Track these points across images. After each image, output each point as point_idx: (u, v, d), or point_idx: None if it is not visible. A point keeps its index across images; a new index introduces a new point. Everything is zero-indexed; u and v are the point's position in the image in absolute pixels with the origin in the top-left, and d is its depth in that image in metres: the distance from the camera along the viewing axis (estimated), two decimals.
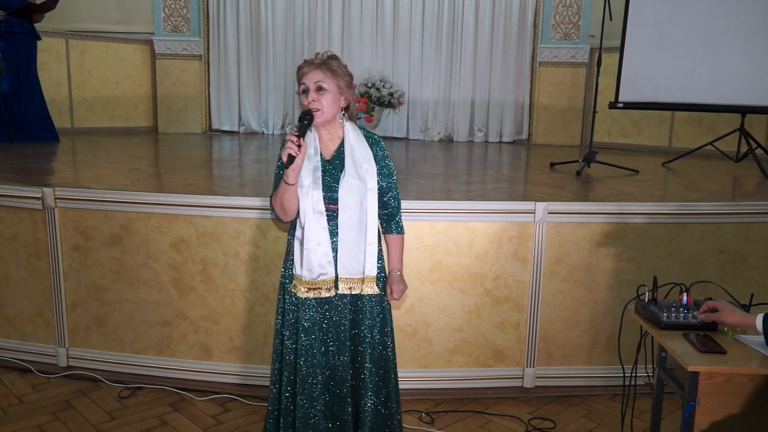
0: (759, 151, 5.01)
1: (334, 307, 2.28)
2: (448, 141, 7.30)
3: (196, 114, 7.36)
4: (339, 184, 2.20)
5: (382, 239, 2.38)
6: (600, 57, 4.66)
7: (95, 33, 7.11)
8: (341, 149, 2.25)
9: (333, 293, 2.24)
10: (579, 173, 4.53)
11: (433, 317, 3.19)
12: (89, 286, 3.30)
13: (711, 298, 2.32)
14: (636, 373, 2.47)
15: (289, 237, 2.33)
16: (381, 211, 2.30)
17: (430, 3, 7.09)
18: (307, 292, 2.22)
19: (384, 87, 6.16)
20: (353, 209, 2.21)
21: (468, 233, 3.13)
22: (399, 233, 2.36)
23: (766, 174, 4.48)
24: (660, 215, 3.22)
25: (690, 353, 1.94)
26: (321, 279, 2.21)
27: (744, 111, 4.90)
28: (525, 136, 7.21)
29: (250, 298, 3.18)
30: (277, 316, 2.38)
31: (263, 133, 7.45)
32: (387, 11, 7.16)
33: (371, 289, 2.26)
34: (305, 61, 2.21)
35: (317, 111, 2.16)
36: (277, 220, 2.30)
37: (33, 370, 3.36)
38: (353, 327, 2.31)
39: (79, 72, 6.91)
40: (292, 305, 2.29)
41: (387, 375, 2.36)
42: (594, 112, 4.71)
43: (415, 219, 3.06)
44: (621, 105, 5.07)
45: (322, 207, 2.20)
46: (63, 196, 3.25)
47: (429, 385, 3.23)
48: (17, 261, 3.37)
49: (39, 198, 3.25)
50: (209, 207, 3.13)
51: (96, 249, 3.26)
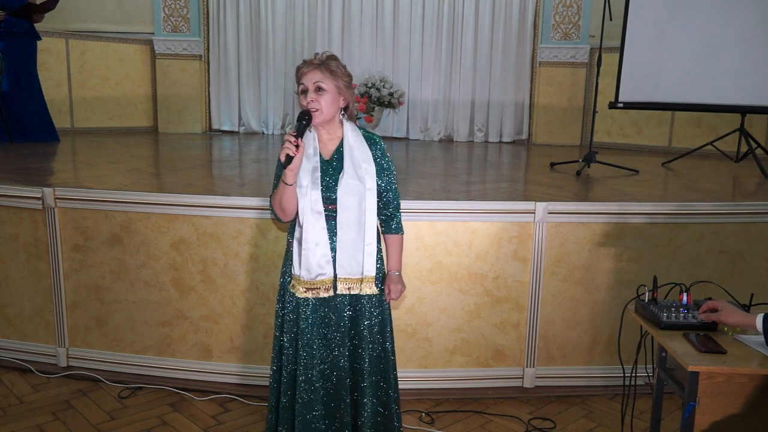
0: (759, 151, 5.01)
1: (333, 307, 2.28)
2: (448, 141, 7.30)
3: (196, 114, 7.36)
4: (338, 184, 2.20)
5: (381, 239, 2.38)
6: (600, 57, 4.66)
7: (95, 33, 7.11)
8: (340, 149, 2.25)
9: (331, 293, 2.24)
10: (579, 173, 4.53)
11: (433, 317, 3.19)
12: (89, 286, 3.30)
13: (711, 298, 2.32)
14: (636, 373, 2.47)
15: (289, 237, 2.33)
16: (380, 211, 2.30)
17: (430, 3, 7.09)
18: (306, 292, 2.22)
19: (384, 87, 6.16)
20: (352, 209, 2.21)
21: (468, 233, 3.13)
22: (398, 233, 2.35)
23: (766, 174, 4.48)
24: (660, 215, 3.22)
25: (690, 353, 1.94)
26: (319, 279, 2.21)
27: (744, 111, 4.90)
28: (525, 136, 7.21)
29: (250, 298, 3.18)
30: (277, 315, 2.38)
31: (263, 133, 7.46)
32: (387, 11, 7.16)
33: (370, 290, 2.25)
34: (304, 62, 2.21)
35: (316, 111, 2.16)
36: (277, 220, 2.30)
37: (33, 370, 3.36)
38: (352, 327, 2.31)
39: (79, 72, 6.91)
40: (291, 305, 2.29)
41: (386, 375, 2.36)
42: (594, 112, 4.71)
43: (415, 219, 3.06)
44: (621, 105, 5.07)
45: (320, 207, 2.20)
46: (63, 196, 3.25)
47: (429, 385, 3.23)
48: (17, 261, 3.37)
49: (39, 198, 3.25)
50: (209, 207, 3.13)
51: (96, 249, 3.26)
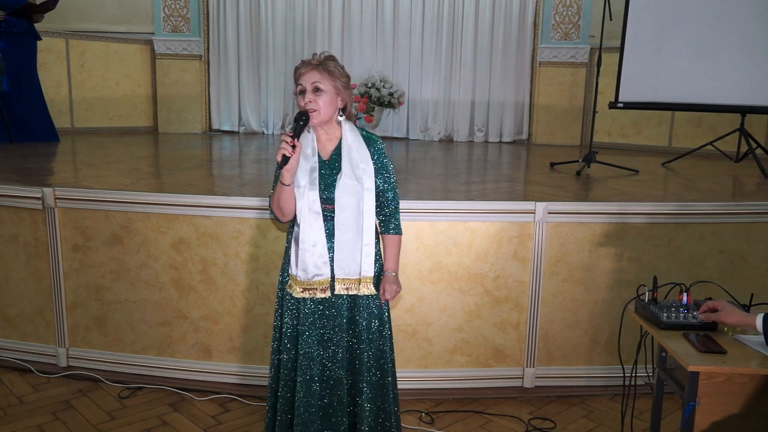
0: (759, 151, 5.01)
1: (331, 308, 2.28)
2: (448, 141, 7.30)
3: (196, 114, 7.36)
4: (336, 184, 2.20)
5: (381, 240, 2.37)
6: (600, 57, 4.66)
7: (95, 33, 7.11)
8: (339, 150, 2.24)
9: (328, 294, 2.24)
10: (579, 173, 4.53)
11: (433, 317, 3.19)
12: (89, 286, 3.30)
13: (711, 298, 2.32)
14: (636, 373, 2.47)
15: (288, 236, 2.33)
16: (379, 212, 2.30)
17: (430, 3, 7.09)
18: (302, 292, 2.22)
19: (384, 87, 6.15)
20: (350, 210, 2.21)
21: (468, 233, 3.13)
22: (397, 234, 2.34)
23: (766, 174, 4.48)
24: (660, 215, 3.22)
25: (690, 353, 1.94)
26: (316, 280, 2.21)
27: (744, 111, 4.90)
28: (525, 136, 7.21)
29: (250, 298, 3.18)
30: (276, 315, 2.38)
31: (263, 133, 7.46)
32: (387, 11, 7.16)
33: (368, 290, 2.25)
34: (302, 62, 2.21)
35: (314, 112, 2.16)
36: (276, 220, 2.30)
37: (33, 370, 3.36)
38: (351, 327, 2.31)
39: (79, 72, 6.91)
40: (290, 305, 2.30)
41: (385, 376, 2.36)
42: (594, 112, 4.71)
43: (415, 219, 3.06)
44: (621, 105, 5.07)
45: (318, 207, 2.20)
46: (63, 196, 3.25)
47: (429, 385, 3.23)
48: (17, 261, 3.37)
49: (39, 198, 3.25)
50: (209, 207, 3.13)
51: (96, 249, 3.26)
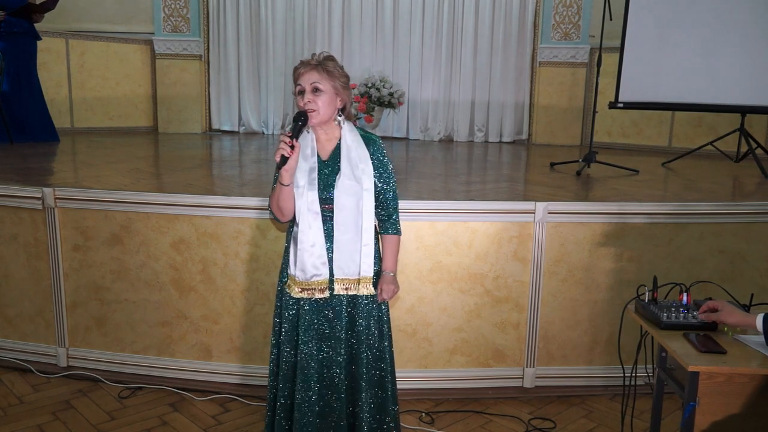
0: (759, 151, 5.01)
1: (330, 308, 2.28)
2: (448, 141, 7.29)
3: (196, 114, 7.36)
4: (335, 184, 2.20)
5: (380, 240, 2.37)
6: (600, 57, 4.66)
7: (95, 33, 7.11)
8: (338, 150, 2.24)
9: (327, 294, 2.24)
10: (579, 173, 4.53)
11: (433, 317, 3.19)
12: (89, 286, 3.30)
13: (711, 298, 2.32)
14: (636, 373, 2.47)
15: (287, 236, 2.33)
16: (378, 212, 2.30)
17: (430, 3, 7.09)
18: (301, 292, 2.22)
19: (384, 87, 6.15)
20: (349, 210, 2.20)
21: (468, 233, 3.13)
22: (396, 234, 2.34)
23: (766, 174, 4.48)
24: (660, 215, 3.22)
25: (690, 353, 1.94)
26: (314, 280, 2.21)
27: (744, 111, 4.90)
28: (525, 136, 7.21)
29: (250, 298, 3.18)
30: (275, 315, 2.38)
31: (263, 133, 7.45)
32: (387, 11, 7.16)
33: (367, 290, 2.25)
34: (301, 62, 2.21)
35: (313, 112, 2.15)
36: (275, 220, 2.30)
37: (33, 370, 3.36)
38: (350, 327, 2.31)
39: (79, 72, 6.91)
40: (289, 305, 2.29)
41: (384, 376, 2.35)
42: (594, 112, 4.71)
43: (415, 219, 3.06)
44: (621, 105, 5.07)
45: (317, 207, 2.19)
46: (63, 196, 3.25)
47: (429, 385, 3.23)
48: (17, 261, 3.37)
49: (39, 198, 3.25)
50: (209, 207, 3.13)
51: (96, 249, 3.26)
